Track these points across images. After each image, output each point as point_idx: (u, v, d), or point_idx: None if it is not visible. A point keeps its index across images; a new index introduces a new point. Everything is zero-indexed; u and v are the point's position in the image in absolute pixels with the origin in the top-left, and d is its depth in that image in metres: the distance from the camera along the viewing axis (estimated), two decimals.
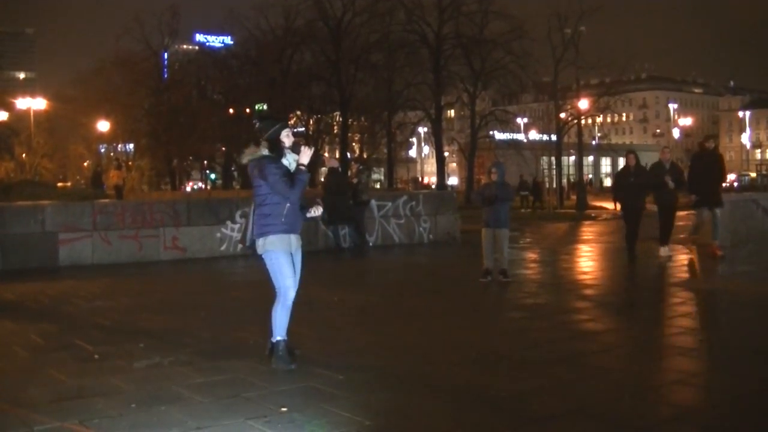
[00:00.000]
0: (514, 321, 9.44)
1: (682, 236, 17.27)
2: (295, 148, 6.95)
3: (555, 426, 5.32)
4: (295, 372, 6.69)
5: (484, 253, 12.52)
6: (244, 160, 7.02)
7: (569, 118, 49.68)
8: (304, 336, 8.32)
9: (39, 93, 72.49)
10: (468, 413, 5.59)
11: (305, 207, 7.16)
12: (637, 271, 14.56)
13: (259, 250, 7.01)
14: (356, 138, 65.89)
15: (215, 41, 78.61)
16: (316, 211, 7.29)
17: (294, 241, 7.05)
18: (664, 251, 15.80)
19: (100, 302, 10.91)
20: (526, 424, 5.35)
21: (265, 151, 6.87)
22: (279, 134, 6.90)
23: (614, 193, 16.21)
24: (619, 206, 16.08)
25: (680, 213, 17.18)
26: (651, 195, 16.03)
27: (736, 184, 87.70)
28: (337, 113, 57.86)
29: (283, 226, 6.89)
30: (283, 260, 6.96)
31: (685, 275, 13.39)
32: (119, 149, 73.99)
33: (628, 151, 16.09)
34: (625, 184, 15.24)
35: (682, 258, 15.40)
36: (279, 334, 6.95)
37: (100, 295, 11.67)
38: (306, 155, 6.90)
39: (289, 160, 6.89)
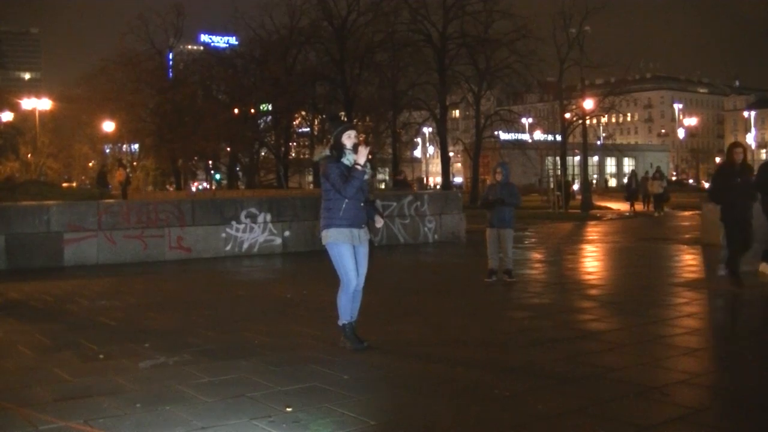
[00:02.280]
0: (518, 321, 9.43)
1: None
2: (356, 149, 7.42)
3: (559, 425, 5.31)
4: (299, 372, 6.69)
5: (488, 253, 12.52)
6: (315, 158, 7.65)
7: (574, 118, 49.67)
8: (307, 335, 8.34)
9: (44, 93, 72.53)
10: (473, 412, 5.59)
11: (370, 202, 7.74)
12: (642, 270, 14.54)
13: (324, 241, 7.55)
14: (361, 138, 65.85)
15: (220, 42, 78.72)
16: (378, 223, 7.93)
17: (356, 234, 7.52)
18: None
19: (105, 302, 10.92)
20: (530, 423, 5.34)
21: (327, 152, 7.50)
22: (341, 136, 7.46)
23: (713, 196, 12.28)
24: (720, 212, 12.07)
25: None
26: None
27: None
28: (342, 113, 57.90)
29: (342, 220, 7.42)
30: (343, 251, 7.46)
31: (690, 275, 13.36)
32: (124, 149, 74.13)
33: (734, 144, 12.10)
34: (730, 186, 11.70)
35: None
36: (344, 317, 7.62)
37: (105, 294, 11.69)
38: (362, 155, 7.36)
39: (350, 160, 7.38)
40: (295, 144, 65.71)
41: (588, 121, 50.62)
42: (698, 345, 8.00)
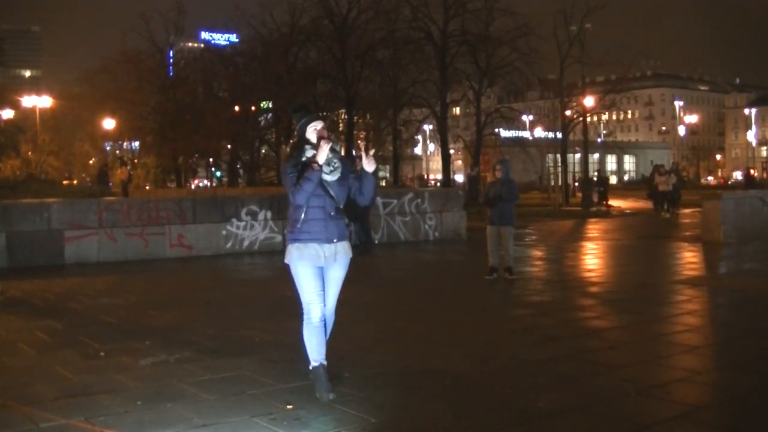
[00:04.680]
0: (519, 318, 9.43)
1: None
2: (317, 145, 5.95)
3: (560, 422, 5.32)
4: (300, 369, 6.68)
5: (489, 251, 12.51)
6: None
7: (575, 116, 49.64)
8: None
9: (44, 91, 72.57)
10: (473, 410, 5.59)
11: (341, 210, 6.13)
12: (643, 268, 14.53)
13: (285, 260, 6.10)
14: (362, 135, 65.84)
15: (221, 39, 78.59)
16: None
17: (323, 252, 5.97)
18: None
19: (106, 299, 10.93)
20: (531, 421, 5.34)
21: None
22: (305, 130, 6.12)
23: None
24: None
25: None
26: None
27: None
28: (343, 111, 57.85)
29: (303, 233, 5.95)
30: (301, 272, 5.98)
31: (691, 272, 13.36)
32: (125, 147, 74.10)
33: None
34: None
35: None
36: (312, 358, 6.02)
37: (106, 292, 11.70)
38: (321, 152, 5.84)
39: (307, 156, 5.99)
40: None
41: (589, 119, 50.58)
42: (699, 342, 8.00)
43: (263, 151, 67.75)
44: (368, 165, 6.00)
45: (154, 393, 6.01)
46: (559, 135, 48.69)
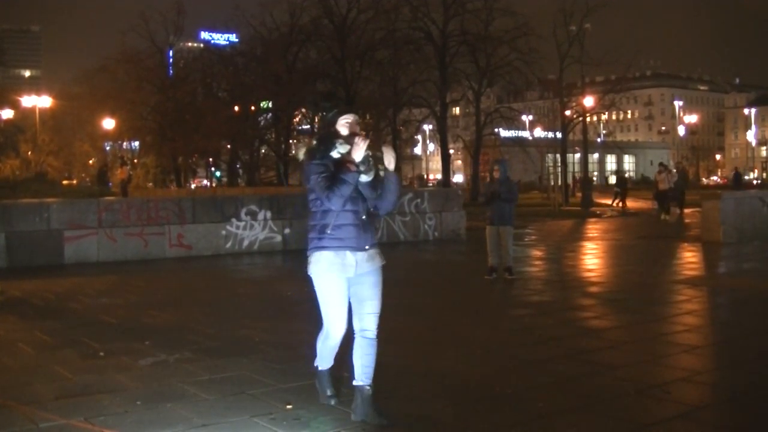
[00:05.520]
0: (519, 318, 9.43)
1: None
2: (350, 140, 5.16)
3: (560, 422, 5.31)
4: (299, 369, 6.68)
5: (488, 251, 12.51)
6: (300, 156, 5.32)
7: (574, 116, 49.70)
8: (309, 332, 8.32)
9: (44, 91, 72.53)
10: (473, 409, 5.59)
11: (374, 215, 5.44)
12: (643, 268, 14.53)
13: (308, 270, 5.40)
14: (361, 135, 65.79)
15: (220, 39, 78.62)
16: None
17: (353, 260, 5.30)
18: None
19: (106, 299, 10.92)
20: (531, 420, 5.34)
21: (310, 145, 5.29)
22: (336, 121, 5.28)
23: None
24: None
25: None
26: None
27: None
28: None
29: (334, 240, 5.22)
30: (329, 285, 5.31)
31: (691, 272, 13.36)
32: (124, 146, 74.10)
33: None
34: None
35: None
36: (317, 361, 5.74)
37: (106, 292, 11.69)
38: (358, 150, 5.06)
39: (340, 152, 5.14)
40: (295, 141, 65.79)
41: (588, 119, 50.63)
42: (699, 342, 8.00)
43: (263, 150, 67.81)
44: (389, 161, 5.17)
45: (154, 393, 6.01)
46: (559, 135, 48.76)
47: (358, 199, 5.21)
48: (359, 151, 5.05)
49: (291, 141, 62.48)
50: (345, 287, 5.32)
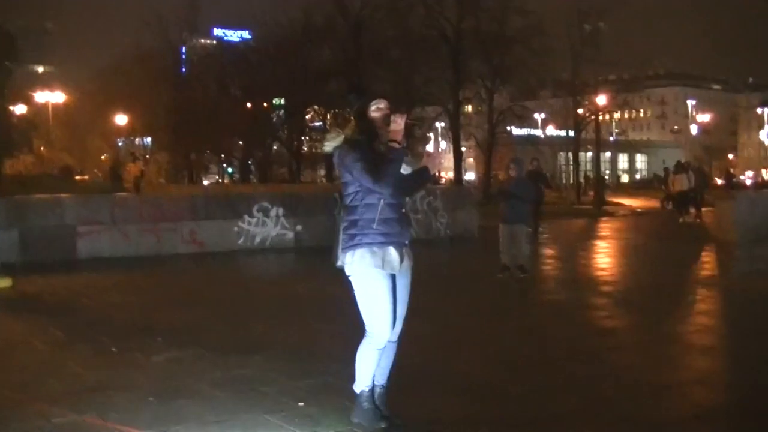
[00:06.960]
0: (531, 317, 9.40)
1: None
2: (386, 121, 4.98)
3: (573, 423, 5.29)
4: (312, 367, 6.67)
5: (501, 249, 12.46)
6: (327, 147, 5.06)
7: (587, 114, 49.54)
8: (320, 330, 8.32)
9: (57, 87, 72.76)
10: (485, 409, 5.57)
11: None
12: (656, 268, 14.48)
13: (347, 270, 5.09)
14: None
15: (233, 35, 78.70)
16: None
17: (396, 256, 5.03)
18: None
19: (119, 296, 10.95)
20: (543, 421, 5.32)
21: (343, 136, 5.03)
22: (368, 108, 5.06)
23: None
24: None
25: None
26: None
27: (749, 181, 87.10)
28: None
29: (377, 235, 4.95)
30: (376, 285, 4.97)
31: (705, 272, 13.31)
32: (137, 143, 74.29)
33: None
34: None
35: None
36: (362, 383, 5.11)
37: (119, 288, 11.71)
38: (398, 127, 4.91)
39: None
40: (307, 138, 65.77)
41: (601, 117, 50.48)
42: (713, 343, 7.97)
43: (275, 148, 67.83)
44: (397, 126, 4.95)
45: (167, 389, 6.01)
46: (572, 133, 48.60)
47: (399, 187, 5.00)
48: (399, 128, 4.89)
49: (303, 138, 62.51)
50: (391, 284, 5.01)
